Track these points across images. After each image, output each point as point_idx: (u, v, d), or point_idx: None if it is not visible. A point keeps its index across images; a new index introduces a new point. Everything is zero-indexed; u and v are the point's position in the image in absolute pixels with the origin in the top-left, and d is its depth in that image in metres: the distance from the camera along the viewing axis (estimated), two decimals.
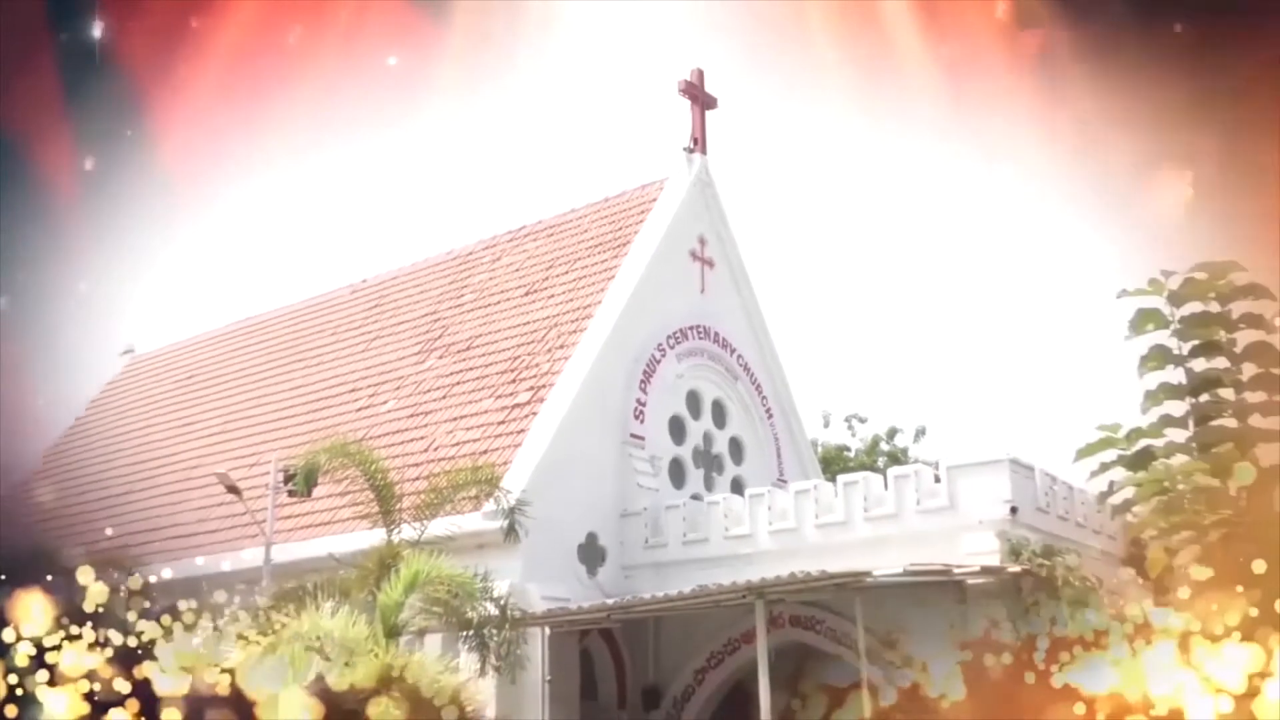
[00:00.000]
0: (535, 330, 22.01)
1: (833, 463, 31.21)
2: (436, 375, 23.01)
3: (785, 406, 24.07)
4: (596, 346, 20.44)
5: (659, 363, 21.38)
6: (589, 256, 23.20)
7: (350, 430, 21.47)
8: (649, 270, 21.76)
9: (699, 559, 18.42)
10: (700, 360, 22.44)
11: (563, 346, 20.96)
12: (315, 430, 22.53)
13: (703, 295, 22.88)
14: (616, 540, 19.44)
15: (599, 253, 23.06)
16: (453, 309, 24.95)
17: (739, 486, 21.52)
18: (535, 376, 20.67)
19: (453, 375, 22.59)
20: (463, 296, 25.14)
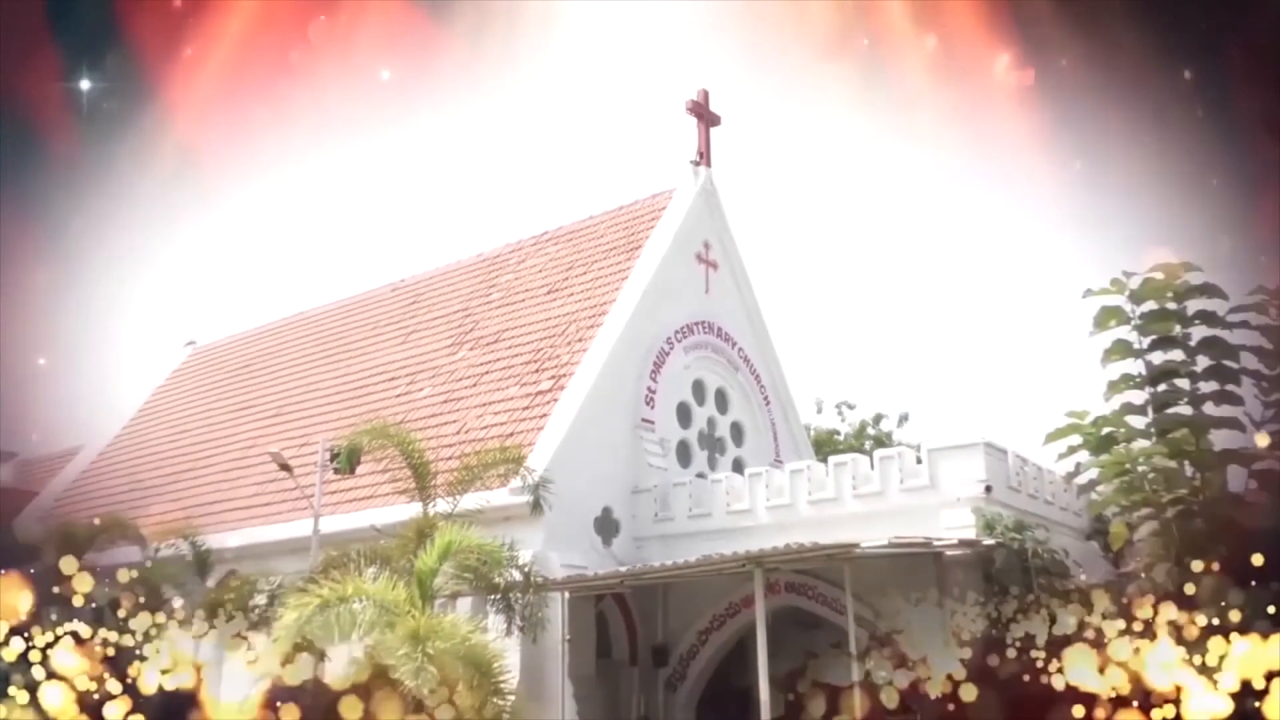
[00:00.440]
0: (556, 325, 21.99)
1: (824, 445, 31.13)
2: (467, 365, 23.01)
3: (781, 394, 24.06)
4: (611, 340, 20.42)
5: (668, 355, 21.39)
6: (605, 259, 23.17)
7: (390, 414, 21.50)
8: (659, 272, 21.74)
9: (703, 531, 18.41)
10: (705, 353, 22.43)
11: (581, 340, 20.94)
12: (359, 414, 22.53)
13: (707, 294, 22.86)
14: (629, 514, 19.43)
15: (614, 256, 23.03)
16: (482, 305, 24.94)
17: (739, 466, 21.49)
18: (556, 367, 20.65)
19: (482, 365, 22.58)
20: (491, 294, 25.13)
